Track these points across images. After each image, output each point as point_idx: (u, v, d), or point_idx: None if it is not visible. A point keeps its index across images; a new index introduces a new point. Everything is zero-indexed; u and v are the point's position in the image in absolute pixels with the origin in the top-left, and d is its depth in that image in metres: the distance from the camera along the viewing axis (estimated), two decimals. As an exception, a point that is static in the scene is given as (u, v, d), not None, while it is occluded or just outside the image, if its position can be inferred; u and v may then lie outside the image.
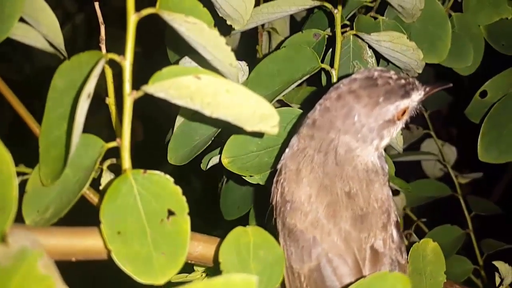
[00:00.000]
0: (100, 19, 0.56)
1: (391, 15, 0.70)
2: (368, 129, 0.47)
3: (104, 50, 0.54)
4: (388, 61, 0.70)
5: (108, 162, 0.51)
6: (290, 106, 0.72)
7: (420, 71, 0.66)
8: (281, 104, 0.72)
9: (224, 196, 0.83)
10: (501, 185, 1.42)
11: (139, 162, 0.44)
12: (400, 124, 0.49)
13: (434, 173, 1.03)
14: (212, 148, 0.64)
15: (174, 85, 0.39)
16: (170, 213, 0.41)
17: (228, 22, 0.56)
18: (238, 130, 0.43)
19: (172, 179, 0.42)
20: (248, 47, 0.91)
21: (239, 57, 1.08)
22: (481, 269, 0.91)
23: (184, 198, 0.41)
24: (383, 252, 0.46)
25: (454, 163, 1.02)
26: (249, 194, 0.80)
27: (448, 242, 0.91)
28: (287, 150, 0.50)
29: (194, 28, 0.43)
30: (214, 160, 0.63)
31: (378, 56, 0.68)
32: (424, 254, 0.58)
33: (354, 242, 0.46)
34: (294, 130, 0.58)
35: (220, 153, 0.60)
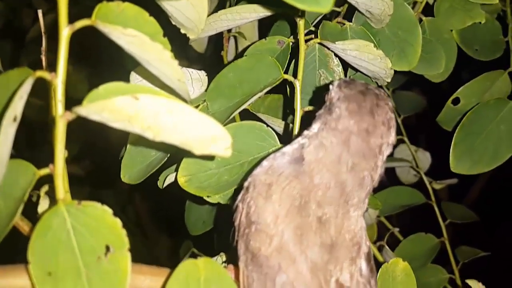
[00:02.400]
0: (42, 29, 0.51)
1: (359, 21, 0.66)
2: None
3: (44, 64, 0.49)
4: (356, 70, 0.67)
5: (46, 188, 0.46)
6: (256, 116, 0.68)
7: (389, 80, 0.63)
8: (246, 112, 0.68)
9: (188, 211, 0.79)
10: (475, 189, 1.40)
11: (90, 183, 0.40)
12: None
13: (408, 179, 1.01)
14: (171, 162, 0.60)
15: (109, 107, 0.35)
16: (108, 249, 0.37)
17: (182, 31, 0.52)
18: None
19: (110, 211, 0.37)
20: (216, 50, 0.87)
21: (206, 61, 1.05)
22: (456, 278, 0.89)
23: (123, 232, 0.37)
24: (349, 287, 0.43)
25: (429, 168, 0.99)
26: (215, 209, 0.76)
27: (423, 251, 0.88)
28: (264, 163, 0.46)
29: (134, 42, 0.39)
30: (171, 178, 0.59)
31: (346, 65, 0.64)
32: (394, 275, 0.55)
33: (321, 273, 0.42)
34: (261, 145, 0.54)
35: (177, 170, 0.56)
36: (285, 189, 0.43)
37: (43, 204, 0.46)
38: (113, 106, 0.34)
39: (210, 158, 0.54)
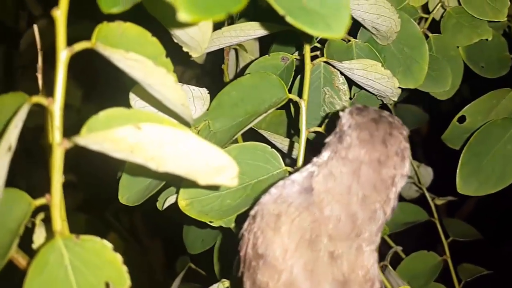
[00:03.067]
0: (38, 45, 0.49)
1: (364, 37, 0.65)
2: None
3: (40, 83, 0.47)
4: (361, 88, 0.65)
5: (41, 216, 0.44)
6: (258, 132, 0.66)
7: (396, 99, 0.61)
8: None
9: (186, 229, 0.77)
10: (470, 202, 1.37)
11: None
12: None
13: (409, 195, 0.99)
14: (169, 184, 0.58)
15: (110, 137, 0.33)
16: (108, 286, 0.35)
17: (185, 49, 0.50)
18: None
19: (110, 245, 0.35)
20: (216, 63, 0.85)
21: (205, 75, 1.02)
22: (459, 298, 0.87)
23: (124, 268, 0.35)
24: None
25: (431, 184, 0.98)
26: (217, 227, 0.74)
27: (425, 270, 0.86)
28: (273, 191, 0.43)
29: (136, 66, 0.37)
30: (171, 200, 0.56)
31: (351, 82, 0.63)
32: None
33: None
34: (264, 167, 0.52)
35: (177, 192, 0.54)
36: (295, 220, 0.41)
37: (39, 232, 0.44)
38: (114, 136, 0.32)
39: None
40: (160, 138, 0.34)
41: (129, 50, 0.36)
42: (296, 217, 0.41)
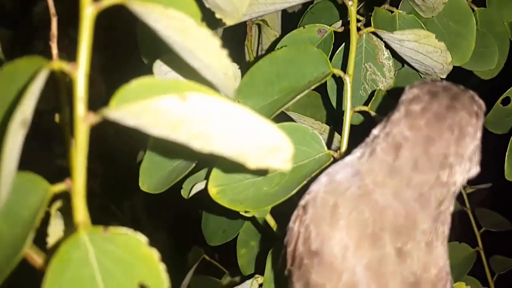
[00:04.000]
0: (52, 10, 0.43)
1: (406, 8, 0.59)
2: (475, 154, 0.36)
3: (55, 52, 0.41)
4: (403, 63, 0.59)
5: (57, 204, 0.38)
6: (287, 115, 0.61)
7: (444, 76, 0.55)
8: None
9: (206, 217, 0.71)
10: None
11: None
12: None
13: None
14: (197, 168, 0.52)
15: (151, 109, 0.27)
16: (143, 288, 0.29)
17: (217, 16, 0.43)
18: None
19: (145, 239, 0.30)
20: (233, 42, 0.79)
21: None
22: (492, 291, 0.83)
23: (162, 267, 0.29)
24: None
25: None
26: (239, 216, 0.68)
27: (457, 262, 0.81)
28: (322, 179, 0.38)
29: (176, 26, 0.31)
30: (199, 187, 0.51)
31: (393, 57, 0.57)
32: (456, 302, 0.48)
33: None
34: (305, 151, 0.46)
35: (207, 178, 0.48)
36: (353, 212, 0.35)
37: (55, 225, 0.38)
38: (156, 108, 0.26)
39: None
40: (208, 111, 0.28)
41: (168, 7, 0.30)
42: (354, 208, 0.35)
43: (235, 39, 0.77)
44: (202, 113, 0.28)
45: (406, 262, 0.35)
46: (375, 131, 0.39)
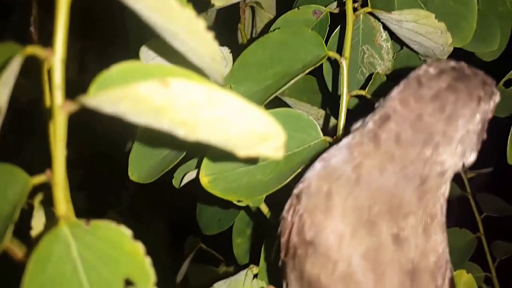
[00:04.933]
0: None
1: (403, -13, 0.56)
2: (469, 138, 0.34)
3: (34, 37, 0.39)
4: (402, 46, 0.57)
5: (40, 197, 0.36)
6: (282, 100, 0.59)
7: (445, 58, 0.53)
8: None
9: (200, 206, 0.69)
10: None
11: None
12: None
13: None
14: (188, 156, 0.51)
15: (129, 96, 0.25)
16: (128, 283, 0.28)
17: (206, -4, 0.42)
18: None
19: (129, 233, 0.28)
20: (226, 25, 0.77)
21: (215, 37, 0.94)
22: (493, 277, 0.81)
23: (147, 261, 0.28)
24: None
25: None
26: (233, 205, 0.66)
27: (458, 248, 0.80)
28: (316, 166, 0.36)
29: (157, 7, 0.29)
30: (191, 176, 0.49)
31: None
32: (457, 290, 0.47)
33: None
34: (300, 138, 0.45)
35: (198, 167, 0.46)
36: (348, 199, 0.34)
37: (38, 217, 0.36)
38: (136, 95, 0.25)
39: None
40: (193, 97, 0.26)
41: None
42: (349, 194, 0.34)
43: (228, 22, 0.75)
44: (186, 100, 0.26)
45: (404, 249, 0.33)
46: (370, 115, 0.37)
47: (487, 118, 0.36)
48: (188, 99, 0.26)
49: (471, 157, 0.36)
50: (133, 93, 0.25)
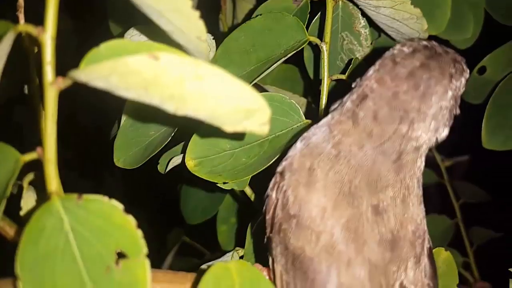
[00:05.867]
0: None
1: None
2: (442, 114, 0.36)
3: (22, 21, 0.40)
4: (380, 32, 0.59)
5: (30, 177, 0.37)
6: (264, 89, 0.60)
7: (421, 44, 0.55)
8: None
9: (184, 195, 0.70)
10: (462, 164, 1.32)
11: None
12: None
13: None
14: (173, 143, 0.51)
15: (119, 69, 0.26)
16: (120, 255, 0.28)
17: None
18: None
19: (120, 206, 0.29)
20: (207, 15, 0.77)
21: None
22: (471, 262, 0.84)
23: (139, 233, 0.29)
24: None
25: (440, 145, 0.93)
26: (217, 192, 0.67)
27: (437, 234, 0.82)
28: (298, 144, 0.37)
29: (145, -15, 0.30)
30: (176, 161, 0.50)
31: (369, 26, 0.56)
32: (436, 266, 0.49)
33: (382, 276, 0.34)
34: (283, 121, 0.46)
35: (184, 151, 0.47)
36: (329, 173, 0.35)
37: (27, 197, 0.37)
38: (125, 68, 0.26)
39: (224, 136, 0.46)
40: (181, 72, 0.27)
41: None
42: (330, 168, 0.35)
43: (209, 12, 0.76)
44: (175, 74, 0.27)
45: (383, 220, 0.35)
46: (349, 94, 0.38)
47: (459, 94, 0.37)
48: (177, 73, 0.27)
49: (444, 132, 0.37)
50: (123, 66, 0.26)
